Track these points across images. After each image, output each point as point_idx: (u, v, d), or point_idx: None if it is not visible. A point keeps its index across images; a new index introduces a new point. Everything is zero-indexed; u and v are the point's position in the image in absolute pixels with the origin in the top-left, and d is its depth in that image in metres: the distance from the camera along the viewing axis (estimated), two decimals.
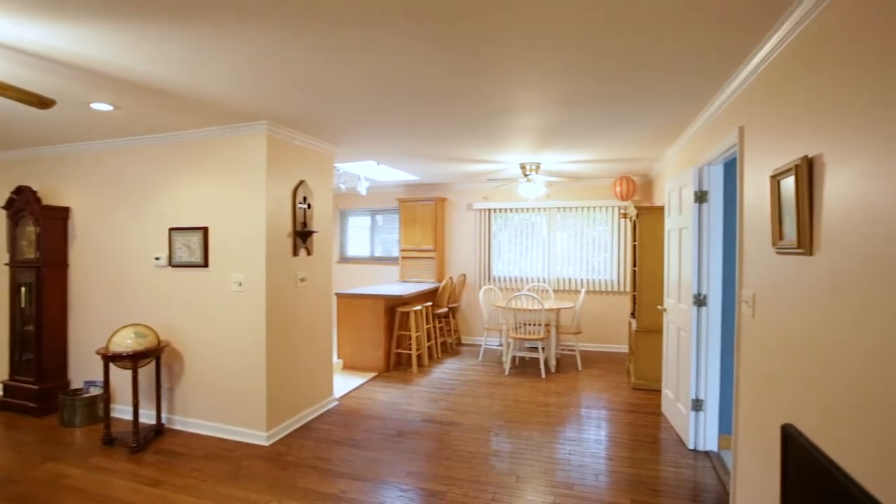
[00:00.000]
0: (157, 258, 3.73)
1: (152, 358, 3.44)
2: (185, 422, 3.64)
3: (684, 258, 3.46)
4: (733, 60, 2.28)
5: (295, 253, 3.76)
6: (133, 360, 3.24)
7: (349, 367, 5.46)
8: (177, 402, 3.68)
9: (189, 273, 3.64)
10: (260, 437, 3.40)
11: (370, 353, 5.36)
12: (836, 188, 1.52)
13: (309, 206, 3.91)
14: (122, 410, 3.87)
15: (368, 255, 7.64)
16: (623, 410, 4.09)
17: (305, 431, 3.63)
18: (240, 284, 3.48)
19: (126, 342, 3.26)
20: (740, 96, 2.49)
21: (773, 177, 1.92)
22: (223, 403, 3.53)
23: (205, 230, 3.59)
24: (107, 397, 3.36)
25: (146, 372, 3.69)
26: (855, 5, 1.43)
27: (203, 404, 3.59)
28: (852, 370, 1.41)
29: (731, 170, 3.20)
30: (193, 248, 3.62)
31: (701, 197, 3.24)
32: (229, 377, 3.51)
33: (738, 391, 2.46)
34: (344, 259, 7.75)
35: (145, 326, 3.45)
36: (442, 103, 2.99)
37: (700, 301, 3.24)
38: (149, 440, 3.40)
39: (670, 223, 3.84)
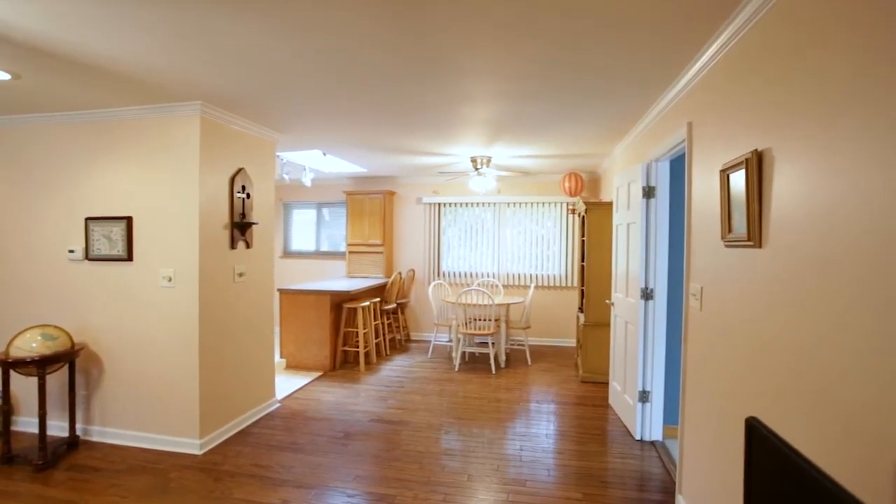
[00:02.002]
0: (71, 251, 3.33)
1: (65, 362, 3.07)
2: (104, 432, 3.28)
3: (632, 253, 3.52)
4: (683, 56, 2.30)
5: (233, 246, 3.48)
6: (40, 365, 2.86)
7: (293, 366, 5.19)
8: (95, 411, 3.31)
9: (110, 267, 3.28)
10: (192, 445, 3.12)
11: (315, 352, 5.13)
12: (784, 182, 1.54)
13: (248, 195, 3.64)
14: (27, 423, 3.42)
15: (314, 249, 7.34)
16: (572, 404, 4.13)
17: (244, 437, 3.38)
18: (169, 280, 3.17)
19: (31, 346, 2.88)
20: (689, 92, 2.52)
21: (723, 170, 1.94)
22: (150, 410, 3.21)
23: (128, 220, 3.24)
24: (6, 409, 2.96)
25: (58, 379, 3.29)
26: (800, 3, 1.45)
27: (126, 412, 3.25)
28: (794, 358, 1.43)
29: (678, 166, 3.28)
30: (115, 239, 3.26)
31: (649, 192, 3.30)
32: (157, 382, 3.20)
33: (685, 382, 2.50)
34: (288, 254, 7.39)
35: (56, 328, 3.06)
36: (392, 91, 2.84)
37: (647, 295, 3.30)
38: (60, 455, 3.03)
39: (619, 218, 3.91)
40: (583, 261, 4.90)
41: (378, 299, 5.69)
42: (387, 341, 5.95)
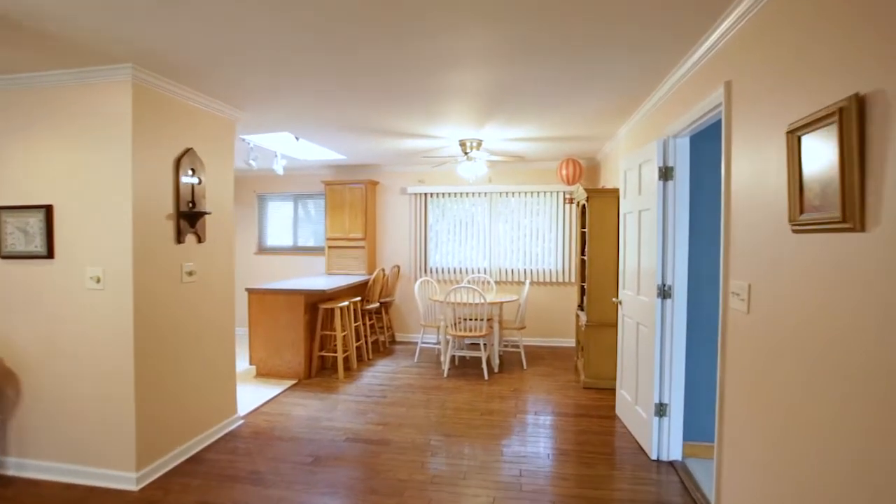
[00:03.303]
0: None
1: None
2: (22, 465, 2.74)
3: (645, 244, 3.06)
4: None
5: (179, 239, 2.95)
6: None
7: (264, 373, 4.67)
8: (11, 439, 2.77)
9: (26, 267, 2.73)
10: (127, 479, 2.60)
11: (288, 358, 4.61)
12: None
13: (199, 181, 3.10)
14: None
15: (291, 244, 6.79)
16: (575, 415, 3.67)
17: (194, 465, 2.87)
18: (98, 280, 2.64)
19: None
20: (726, 45, 2.05)
21: (790, 132, 1.47)
22: (77, 438, 2.68)
23: (48, 209, 2.69)
24: None
25: None
26: None
27: (49, 440, 2.72)
28: None
29: (699, 143, 2.82)
30: (32, 233, 2.72)
31: (666, 174, 2.84)
32: (86, 403, 2.67)
33: (723, 399, 2.05)
34: (263, 249, 6.84)
35: None
36: (366, 50, 2.33)
37: (665, 293, 2.84)
38: None
39: (627, 205, 3.44)
40: (583, 254, 4.44)
41: (359, 298, 5.18)
42: (369, 344, 5.45)
